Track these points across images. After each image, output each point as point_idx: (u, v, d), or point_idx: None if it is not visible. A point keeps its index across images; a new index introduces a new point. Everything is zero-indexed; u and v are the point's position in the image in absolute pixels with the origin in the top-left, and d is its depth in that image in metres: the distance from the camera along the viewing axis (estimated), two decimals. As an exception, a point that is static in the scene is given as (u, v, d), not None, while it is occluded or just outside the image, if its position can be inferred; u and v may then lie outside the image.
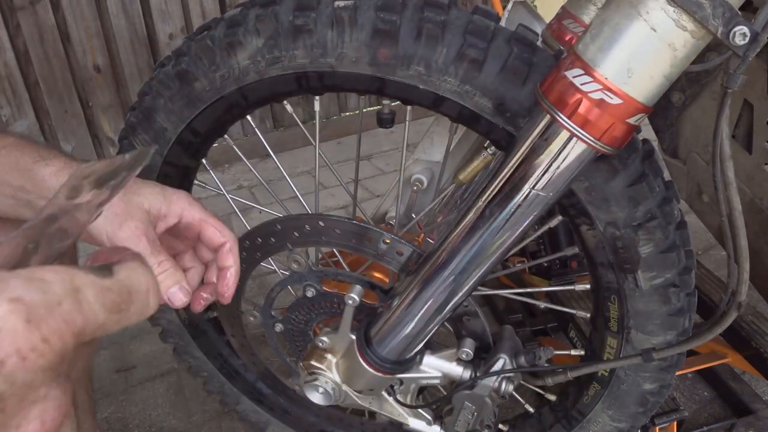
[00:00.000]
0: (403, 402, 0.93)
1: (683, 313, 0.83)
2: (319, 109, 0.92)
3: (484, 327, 0.91)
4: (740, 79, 0.56)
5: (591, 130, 0.61)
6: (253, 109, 0.89)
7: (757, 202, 0.98)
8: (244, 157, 1.03)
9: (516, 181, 0.68)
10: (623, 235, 0.77)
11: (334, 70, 0.78)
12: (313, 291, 0.95)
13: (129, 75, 2.68)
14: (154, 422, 1.51)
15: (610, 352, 0.90)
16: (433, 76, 0.74)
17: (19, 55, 2.44)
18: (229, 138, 1.01)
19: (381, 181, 2.68)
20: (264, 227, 0.93)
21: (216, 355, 1.23)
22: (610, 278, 0.83)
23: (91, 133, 2.73)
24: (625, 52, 0.57)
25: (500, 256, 0.75)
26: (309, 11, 0.75)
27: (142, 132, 0.92)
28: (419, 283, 0.79)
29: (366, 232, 0.88)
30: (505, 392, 0.86)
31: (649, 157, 0.76)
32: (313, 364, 0.91)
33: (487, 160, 0.97)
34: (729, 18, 0.53)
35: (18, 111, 2.52)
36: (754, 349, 1.29)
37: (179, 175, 0.98)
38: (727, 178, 0.63)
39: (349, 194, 1.03)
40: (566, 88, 0.61)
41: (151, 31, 2.68)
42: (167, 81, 0.86)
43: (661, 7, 0.55)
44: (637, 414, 0.95)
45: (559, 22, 1.22)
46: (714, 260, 1.97)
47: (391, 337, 0.84)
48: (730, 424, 1.35)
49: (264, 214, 1.02)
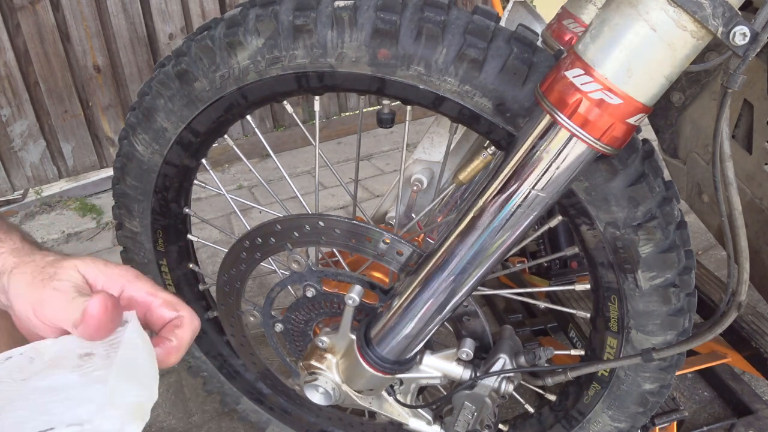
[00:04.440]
0: (403, 402, 0.93)
1: (683, 313, 0.83)
2: (319, 109, 0.92)
3: (484, 327, 0.91)
4: (740, 79, 0.56)
5: (591, 130, 0.61)
6: (253, 109, 0.89)
7: (757, 202, 0.98)
8: (244, 157, 1.03)
9: (516, 181, 0.68)
10: (623, 235, 0.77)
11: (334, 70, 0.78)
12: (313, 291, 0.95)
13: (129, 75, 2.69)
14: (153, 422, 1.51)
15: (610, 352, 0.90)
16: (433, 76, 0.74)
17: (19, 55, 2.44)
18: (229, 138, 1.01)
19: (381, 181, 2.68)
20: (264, 227, 0.93)
21: (216, 355, 1.23)
22: (610, 278, 0.83)
23: (91, 133, 2.73)
24: (625, 52, 0.57)
25: (500, 256, 0.75)
26: (309, 11, 0.75)
27: (142, 132, 0.92)
28: (419, 283, 0.79)
29: (366, 232, 0.88)
30: (505, 392, 0.86)
31: (649, 157, 0.76)
32: (313, 364, 0.91)
33: (487, 160, 0.97)
34: (729, 18, 0.53)
35: (18, 111, 2.52)
36: (754, 349, 1.29)
37: (179, 175, 0.98)
38: (727, 178, 0.63)
39: (349, 194, 1.03)
40: (566, 88, 0.61)
41: (151, 31, 2.68)
42: (167, 81, 0.86)
43: (661, 7, 0.55)
44: (637, 414, 0.95)
45: (559, 22, 1.22)
46: (714, 260, 1.97)
47: (391, 337, 0.84)
48: (730, 424, 1.35)
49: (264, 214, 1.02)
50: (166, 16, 2.68)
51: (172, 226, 1.06)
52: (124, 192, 1.00)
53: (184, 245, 1.12)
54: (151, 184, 0.97)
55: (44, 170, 2.69)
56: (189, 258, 1.14)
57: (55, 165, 2.70)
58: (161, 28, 2.69)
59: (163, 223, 1.04)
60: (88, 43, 2.56)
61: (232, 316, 1.09)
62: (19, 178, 2.65)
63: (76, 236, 2.44)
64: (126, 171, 0.97)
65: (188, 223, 1.11)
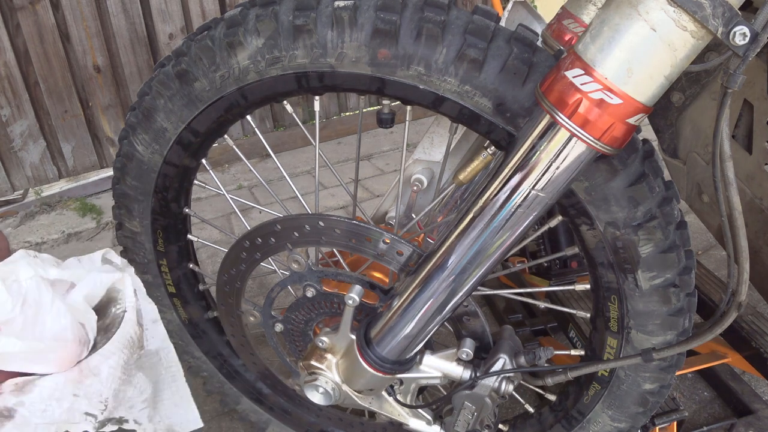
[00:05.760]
0: (403, 402, 0.93)
1: (683, 313, 0.83)
2: (319, 109, 0.92)
3: (484, 327, 0.91)
4: (740, 79, 0.56)
5: (591, 130, 0.61)
6: (253, 109, 0.89)
7: (757, 202, 0.98)
8: (244, 157, 1.04)
9: (516, 181, 0.68)
10: (623, 235, 0.77)
11: (334, 70, 0.78)
12: (313, 291, 0.95)
13: (129, 75, 2.69)
14: (154, 422, 1.51)
15: (610, 352, 0.90)
16: (433, 76, 0.74)
17: (19, 55, 2.44)
18: (229, 138, 1.01)
19: (381, 181, 2.68)
20: (264, 227, 0.93)
21: (216, 355, 1.23)
22: (610, 278, 0.83)
23: (91, 133, 2.73)
24: (625, 52, 0.57)
25: (500, 256, 0.75)
26: (309, 11, 0.75)
27: (142, 132, 0.92)
28: (419, 283, 0.79)
29: (366, 232, 0.88)
30: (505, 392, 0.86)
31: (649, 157, 0.76)
32: (313, 364, 0.91)
33: (487, 160, 0.97)
34: (729, 18, 0.53)
35: (18, 111, 2.52)
36: (754, 349, 1.29)
37: (179, 175, 0.98)
38: (727, 178, 0.63)
39: (349, 194, 1.03)
40: (566, 88, 0.61)
41: (151, 31, 2.68)
42: (167, 81, 0.86)
43: (661, 7, 0.55)
44: (637, 414, 0.95)
45: (559, 22, 1.22)
46: (714, 260, 1.97)
47: (391, 337, 0.84)
48: (730, 424, 1.35)
49: (264, 214, 1.02)
50: (166, 16, 2.68)
51: (172, 226, 1.06)
52: (124, 192, 1.00)
53: (184, 245, 1.12)
54: (151, 184, 0.97)
55: (44, 170, 2.69)
56: (189, 258, 1.14)
57: (55, 165, 2.70)
58: (161, 28, 2.69)
59: (163, 223, 1.04)
60: (88, 43, 2.56)
61: (232, 316, 1.09)
62: (19, 178, 2.65)
63: (76, 236, 2.44)
64: (126, 171, 0.97)
65: (188, 223, 1.11)
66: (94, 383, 0.55)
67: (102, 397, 0.55)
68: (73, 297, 0.61)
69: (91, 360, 0.55)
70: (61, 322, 0.56)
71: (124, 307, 0.58)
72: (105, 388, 0.55)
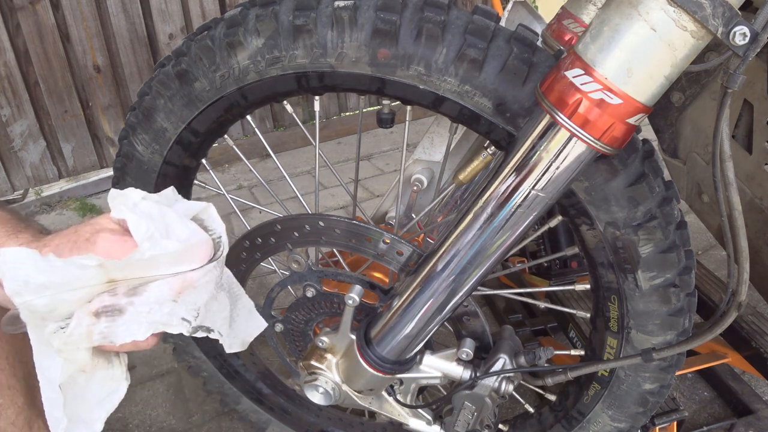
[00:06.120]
0: (403, 402, 0.93)
1: (683, 313, 0.83)
2: (319, 109, 0.92)
3: (484, 327, 0.91)
4: (740, 79, 0.56)
5: (591, 130, 0.61)
6: (253, 109, 0.89)
7: (757, 202, 0.98)
8: (244, 157, 1.04)
9: (516, 181, 0.68)
10: (623, 235, 0.77)
11: (334, 70, 0.78)
12: (313, 291, 0.95)
13: (129, 75, 2.69)
14: (154, 422, 1.51)
15: (610, 352, 0.90)
16: (433, 76, 0.74)
17: (19, 55, 2.44)
18: (229, 138, 1.01)
19: (381, 181, 2.68)
20: (264, 227, 0.93)
21: (216, 355, 1.23)
22: (610, 278, 0.83)
23: (91, 133, 2.73)
24: (625, 52, 0.57)
25: (500, 256, 0.75)
26: (309, 11, 0.75)
27: (142, 132, 0.92)
28: (419, 283, 0.79)
29: (366, 232, 0.88)
30: (505, 392, 0.86)
31: (649, 157, 0.76)
32: (313, 364, 0.91)
33: (487, 160, 0.97)
34: (729, 18, 0.53)
35: (18, 111, 2.52)
36: (754, 349, 1.29)
37: (179, 175, 0.98)
38: (727, 178, 0.63)
39: (349, 194, 1.03)
40: (566, 88, 0.61)
41: (151, 31, 2.68)
42: (167, 81, 0.86)
43: (661, 7, 0.55)
44: (637, 414, 0.95)
45: (559, 22, 1.22)
46: (714, 260, 1.97)
47: (391, 337, 0.84)
48: (730, 424, 1.35)
49: (264, 214, 1.02)
50: (166, 16, 2.68)
51: (172, 226, 1.06)
52: (124, 192, 1.00)
53: (184, 245, 1.11)
54: (151, 184, 0.97)
55: (44, 170, 2.69)
56: (189, 258, 1.14)
57: (55, 165, 2.70)
58: (161, 28, 2.69)
59: (163, 223, 1.04)
60: (88, 43, 2.56)
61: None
62: (19, 178, 2.64)
63: (76, 236, 2.44)
64: (126, 171, 0.97)
65: (188, 223, 1.10)
66: (191, 293, 0.64)
67: (196, 306, 0.64)
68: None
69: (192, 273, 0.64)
70: (189, 227, 0.65)
71: (217, 231, 0.68)
72: (199, 299, 0.64)
